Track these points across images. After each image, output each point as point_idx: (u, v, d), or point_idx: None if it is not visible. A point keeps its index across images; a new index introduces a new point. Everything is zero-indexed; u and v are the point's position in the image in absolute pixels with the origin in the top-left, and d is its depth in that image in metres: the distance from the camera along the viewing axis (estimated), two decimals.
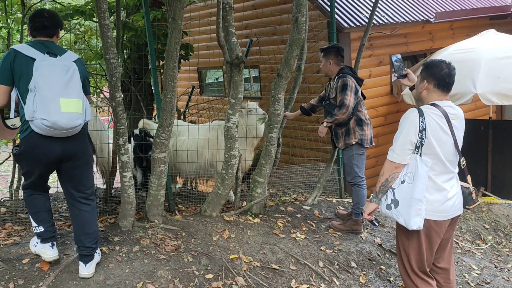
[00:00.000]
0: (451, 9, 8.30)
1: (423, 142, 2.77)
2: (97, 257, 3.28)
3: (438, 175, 2.84)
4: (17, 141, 3.10)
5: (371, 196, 3.01)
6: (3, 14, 5.76)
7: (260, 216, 4.58)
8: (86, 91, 3.17)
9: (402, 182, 2.85)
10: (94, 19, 6.00)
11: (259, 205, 4.65)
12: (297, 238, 4.23)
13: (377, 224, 3.14)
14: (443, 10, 8.02)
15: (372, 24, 5.50)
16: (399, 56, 3.32)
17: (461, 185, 3.00)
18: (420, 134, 2.76)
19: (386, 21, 6.93)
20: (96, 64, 7.34)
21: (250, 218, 4.47)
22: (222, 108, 8.26)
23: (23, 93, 2.90)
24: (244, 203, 4.74)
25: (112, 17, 5.58)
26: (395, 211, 2.89)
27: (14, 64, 2.91)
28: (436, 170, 2.83)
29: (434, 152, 2.80)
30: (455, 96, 6.39)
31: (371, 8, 6.66)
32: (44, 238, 3.17)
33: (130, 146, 4.83)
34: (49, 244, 3.18)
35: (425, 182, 2.77)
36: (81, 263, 3.18)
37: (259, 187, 4.58)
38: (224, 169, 4.35)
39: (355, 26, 6.51)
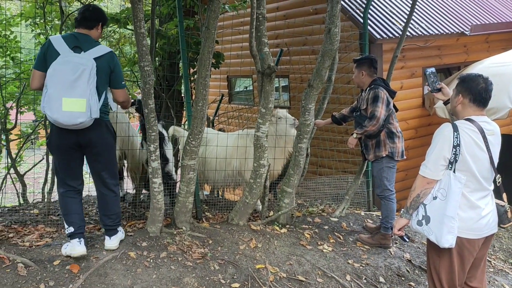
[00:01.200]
0: (487, 22, 8.13)
1: (457, 158, 2.71)
2: (120, 234, 3.64)
3: (472, 192, 2.77)
4: None
5: (401, 211, 2.96)
6: (42, 21, 5.95)
7: (287, 226, 4.55)
8: (115, 85, 3.42)
9: (434, 198, 2.80)
10: (128, 26, 6.13)
11: (287, 215, 4.62)
12: (324, 250, 4.19)
13: (407, 240, 3.08)
14: (479, 23, 7.87)
15: (405, 36, 5.43)
16: (433, 69, 3.26)
17: (496, 203, 2.91)
18: (454, 150, 2.71)
19: (420, 33, 6.84)
20: (128, 71, 7.49)
21: (277, 228, 4.45)
22: (251, 117, 8.28)
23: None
24: (271, 213, 4.72)
25: (146, 25, 5.69)
26: (426, 228, 2.84)
27: (47, 53, 3.23)
28: (470, 187, 2.76)
29: (469, 168, 2.73)
30: (490, 111, 6.24)
31: (404, 20, 6.60)
32: (72, 234, 3.38)
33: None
34: (77, 239, 3.36)
35: (458, 199, 2.71)
36: (106, 237, 3.56)
37: (286, 197, 4.56)
38: (253, 178, 4.35)
39: (387, 38, 6.45)
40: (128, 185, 5.47)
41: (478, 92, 2.79)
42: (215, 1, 3.72)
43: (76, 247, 3.32)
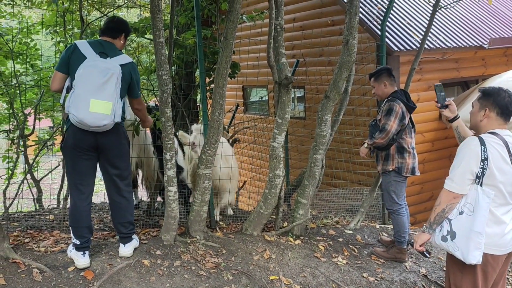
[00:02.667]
0: (506, 35, 8.05)
1: (484, 172, 2.66)
2: (135, 242, 3.66)
3: (498, 207, 2.72)
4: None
5: (424, 226, 2.90)
6: (62, 29, 6.03)
7: (301, 237, 4.52)
8: (133, 94, 3.54)
9: (461, 213, 2.74)
10: (146, 36, 6.19)
11: (301, 226, 4.59)
12: (338, 263, 4.14)
13: (428, 256, 3.01)
14: (497, 36, 7.80)
15: (423, 49, 5.40)
16: (441, 84, 3.20)
17: None
18: (481, 164, 2.66)
19: (438, 46, 6.80)
20: (144, 79, 7.54)
21: (291, 239, 4.42)
22: (266, 127, 8.28)
23: (71, 85, 3.28)
24: (286, 224, 4.69)
25: (164, 34, 5.73)
26: (451, 243, 2.76)
27: (71, 56, 3.29)
28: (496, 201, 2.71)
29: (495, 182, 2.68)
30: (509, 125, 6.16)
31: (422, 33, 6.57)
32: (78, 247, 3.38)
33: None
34: (81, 252, 3.38)
35: (486, 215, 2.66)
36: (120, 244, 3.57)
37: (301, 208, 4.53)
38: (268, 189, 4.33)
39: (405, 50, 6.42)
40: (142, 193, 5.49)
41: (505, 106, 2.76)
42: (234, 12, 3.75)
43: (79, 259, 3.36)
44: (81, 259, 3.35)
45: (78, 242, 3.37)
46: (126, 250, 3.55)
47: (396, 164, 4.23)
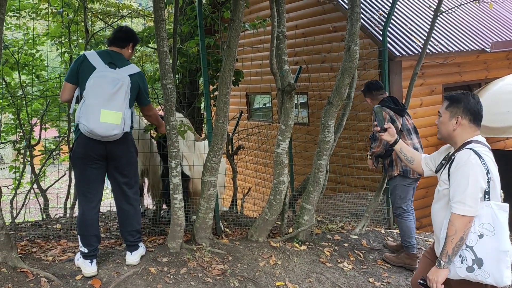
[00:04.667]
0: (507, 39, 8.07)
1: (490, 186, 2.49)
2: (141, 250, 3.67)
3: None
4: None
5: (441, 262, 2.53)
6: (67, 40, 6.11)
7: (307, 243, 4.53)
8: (143, 103, 3.61)
9: (480, 236, 2.47)
10: (150, 45, 6.25)
11: (306, 232, 4.61)
12: (344, 268, 4.15)
13: None
14: (499, 40, 7.82)
15: (425, 53, 5.43)
16: (381, 107, 3.12)
17: None
18: (487, 178, 2.48)
19: (440, 50, 6.83)
20: (148, 88, 7.59)
21: (297, 245, 4.43)
22: (270, 133, 8.31)
23: (80, 95, 3.33)
24: (291, 230, 4.71)
25: (168, 43, 5.79)
26: (479, 272, 2.45)
27: (80, 67, 3.35)
28: None
29: (497, 193, 2.53)
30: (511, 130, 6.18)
31: (423, 37, 6.60)
32: (85, 255, 3.41)
33: None
34: (89, 261, 3.41)
35: (507, 230, 2.46)
36: (127, 253, 3.59)
37: (306, 214, 4.55)
38: (272, 195, 4.35)
39: (407, 55, 6.45)
40: (148, 201, 5.53)
41: (477, 111, 2.62)
42: (237, 20, 3.79)
43: (87, 267, 3.39)
44: (89, 267, 3.38)
45: (86, 251, 3.39)
46: (133, 258, 3.58)
47: (400, 168, 4.28)
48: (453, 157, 2.61)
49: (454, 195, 2.50)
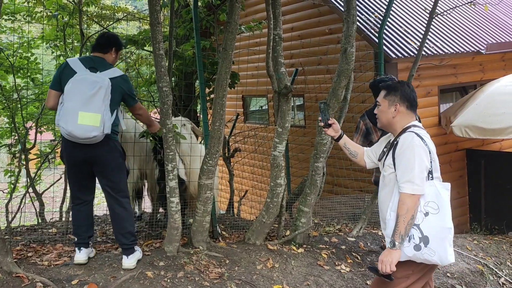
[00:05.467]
0: (503, 41, 8.11)
1: (432, 166, 2.60)
2: (138, 253, 3.66)
3: None
4: None
5: (395, 243, 2.51)
6: (62, 43, 6.09)
7: (304, 246, 4.51)
8: (129, 104, 3.64)
9: (426, 214, 2.54)
10: (146, 48, 6.24)
11: (303, 235, 4.59)
12: (342, 271, 4.14)
13: (393, 278, 2.58)
14: (494, 41, 7.85)
15: (421, 55, 5.44)
16: (325, 101, 3.12)
17: None
18: (430, 158, 2.58)
19: (436, 52, 6.85)
20: (144, 91, 7.58)
21: (294, 248, 4.42)
22: (266, 136, 8.31)
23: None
24: (288, 232, 4.69)
25: (164, 46, 5.78)
26: (426, 250, 2.50)
27: (62, 74, 3.41)
28: None
29: (438, 173, 2.64)
30: (508, 130, 6.20)
31: (419, 39, 6.62)
32: (75, 243, 3.62)
33: None
34: (77, 248, 3.57)
35: (449, 207, 2.56)
36: (124, 256, 3.58)
37: (303, 216, 4.54)
38: (269, 198, 4.34)
39: (402, 57, 6.46)
40: (146, 204, 5.51)
41: (413, 98, 2.72)
42: (233, 23, 3.79)
43: (76, 255, 3.56)
44: (77, 255, 3.54)
45: (76, 239, 3.59)
46: (129, 262, 3.56)
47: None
48: (395, 142, 2.70)
49: (403, 176, 2.55)
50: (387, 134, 2.95)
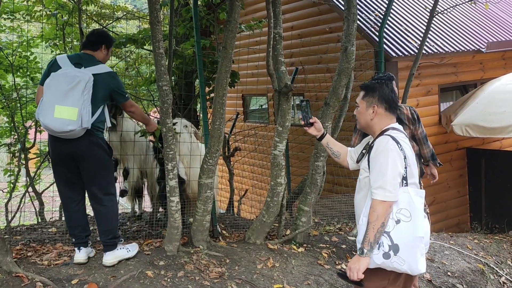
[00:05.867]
0: (503, 39, 8.09)
1: (407, 172, 2.49)
2: (120, 252, 3.61)
3: None
4: None
5: (363, 250, 2.44)
6: (61, 42, 6.07)
7: (305, 245, 4.51)
8: (119, 101, 3.62)
9: (397, 222, 2.44)
10: (145, 47, 6.23)
11: (304, 234, 4.58)
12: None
13: (364, 284, 2.50)
14: (494, 40, 7.84)
15: (421, 54, 5.42)
16: (307, 99, 3.03)
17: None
18: (404, 164, 2.48)
19: (436, 51, 6.83)
20: (144, 90, 7.57)
21: (294, 247, 4.41)
22: (266, 135, 8.29)
23: None
24: (288, 231, 4.69)
25: (164, 44, 5.77)
26: (395, 259, 2.41)
27: (50, 70, 3.42)
28: None
29: (414, 179, 2.53)
30: (508, 129, 6.19)
31: (420, 38, 6.60)
32: (73, 243, 3.63)
33: None
34: (77, 248, 3.58)
35: (422, 216, 2.46)
36: (104, 253, 3.58)
37: (304, 215, 4.53)
38: (270, 197, 4.33)
39: (403, 56, 6.45)
40: (147, 204, 5.50)
41: (392, 99, 2.62)
42: (233, 22, 3.77)
43: (76, 254, 3.57)
44: (77, 254, 3.55)
45: (74, 240, 3.59)
46: (106, 258, 3.54)
47: None
48: (372, 144, 2.63)
49: (375, 181, 2.48)
50: (368, 136, 2.85)
